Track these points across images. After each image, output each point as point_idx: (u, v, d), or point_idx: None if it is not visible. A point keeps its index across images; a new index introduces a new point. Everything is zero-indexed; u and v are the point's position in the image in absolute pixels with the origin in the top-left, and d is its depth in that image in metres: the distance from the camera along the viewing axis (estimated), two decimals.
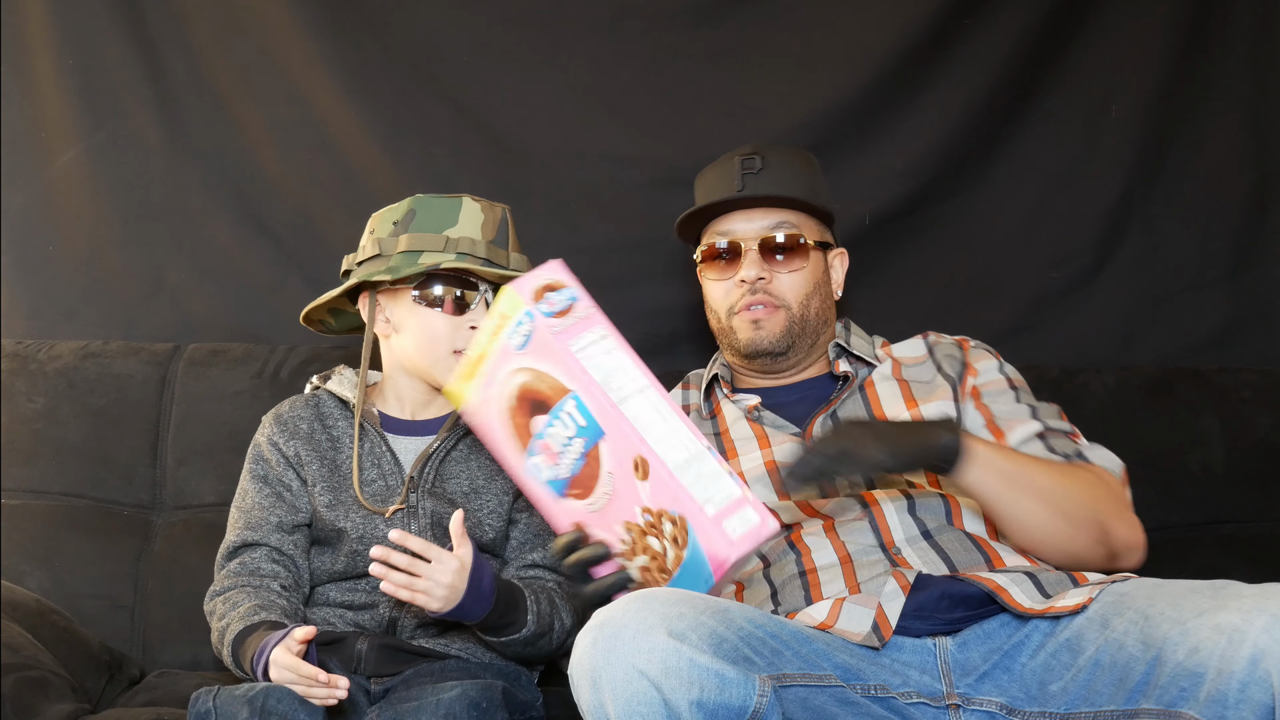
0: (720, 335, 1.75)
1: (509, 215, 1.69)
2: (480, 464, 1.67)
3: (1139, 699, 1.23)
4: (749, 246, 1.69)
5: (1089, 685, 1.27)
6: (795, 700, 1.26)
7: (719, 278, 1.72)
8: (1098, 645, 1.28)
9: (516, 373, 1.31)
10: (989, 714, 1.32)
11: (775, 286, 1.69)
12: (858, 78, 2.18)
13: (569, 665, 1.25)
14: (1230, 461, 2.01)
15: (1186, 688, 1.18)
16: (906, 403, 1.65)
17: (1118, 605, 1.29)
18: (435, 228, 1.65)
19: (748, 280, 1.68)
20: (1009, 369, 1.70)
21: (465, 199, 1.67)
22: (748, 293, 1.69)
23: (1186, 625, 1.20)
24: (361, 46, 2.18)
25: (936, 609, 1.39)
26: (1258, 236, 2.21)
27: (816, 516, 1.57)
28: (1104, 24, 2.19)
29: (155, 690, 1.76)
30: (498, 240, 1.66)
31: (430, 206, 1.68)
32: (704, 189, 1.76)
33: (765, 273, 1.69)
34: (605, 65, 2.20)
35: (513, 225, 1.70)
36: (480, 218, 1.66)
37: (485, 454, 1.67)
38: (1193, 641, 1.18)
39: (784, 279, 1.69)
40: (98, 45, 2.19)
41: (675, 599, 1.24)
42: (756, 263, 1.68)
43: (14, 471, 1.98)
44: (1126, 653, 1.25)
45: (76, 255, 2.21)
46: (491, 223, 1.66)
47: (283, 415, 1.72)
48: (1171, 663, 1.20)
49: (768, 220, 1.70)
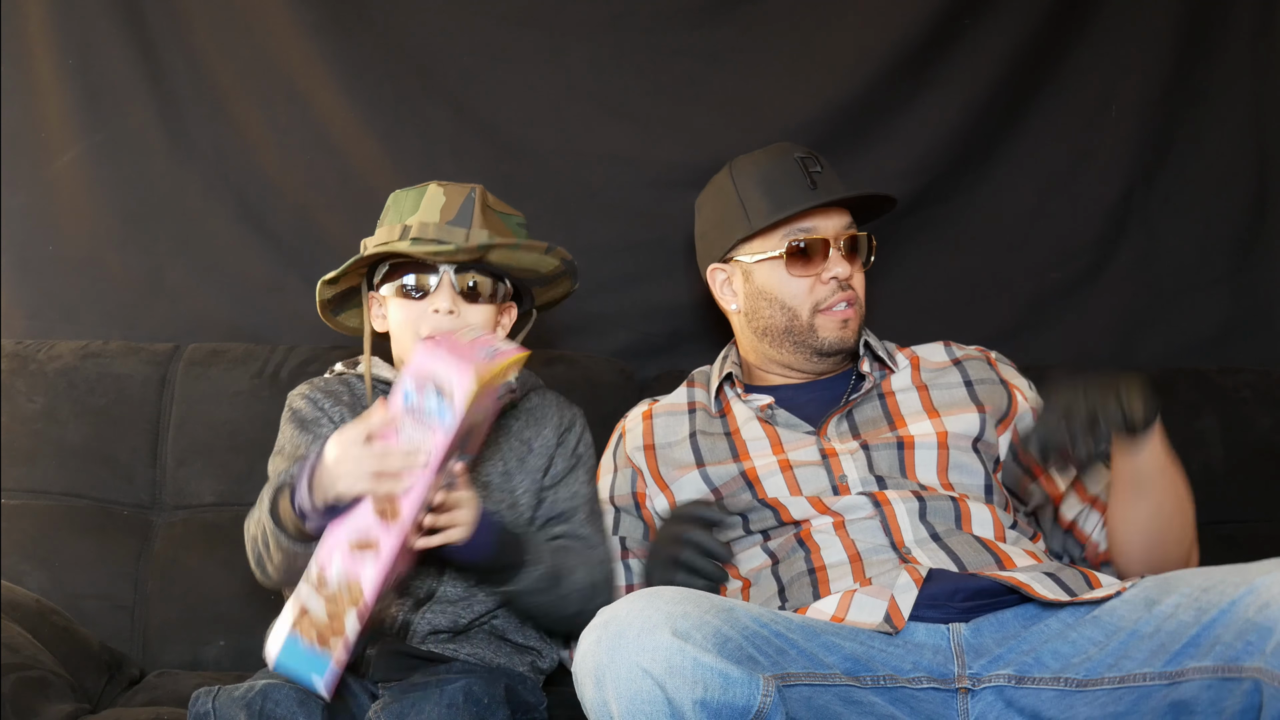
0: (791, 333, 1.72)
1: (481, 194, 1.64)
2: (511, 446, 1.67)
3: (1184, 660, 1.24)
4: (836, 246, 1.70)
5: (1119, 653, 1.28)
6: (799, 700, 1.26)
7: (801, 274, 1.71)
8: (1138, 619, 1.29)
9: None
10: (997, 689, 1.33)
11: (856, 283, 1.72)
12: (858, 78, 2.18)
13: (573, 663, 1.25)
14: (1230, 461, 2.01)
15: (1254, 641, 1.19)
16: (927, 410, 1.66)
17: (1164, 586, 1.30)
18: (399, 218, 1.64)
19: (840, 278, 1.69)
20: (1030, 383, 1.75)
21: (431, 185, 1.65)
22: (837, 289, 1.69)
23: (1254, 583, 1.22)
24: (361, 46, 2.18)
25: (951, 600, 1.39)
26: (1258, 236, 2.21)
27: (827, 514, 1.57)
28: (1104, 24, 2.19)
29: (155, 690, 1.76)
30: (458, 220, 1.61)
31: (399, 200, 1.67)
32: (769, 185, 1.72)
33: (851, 271, 1.71)
34: (605, 65, 2.19)
35: (485, 203, 1.64)
36: (441, 200, 1.63)
37: (513, 437, 1.67)
38: (1263, 598, 1.20)
39: (858, 279, 1.73)
40: (98, 45, 2.18)
41: (680, 598, 1.24)
42: (843, 261, 1.70)
43: (14, 471, 1.98)
44: (1177, 621, 1.26)
45: (76, 255, 2.20)
46: (453, 204, 1.62)
47: (317, 384, 1.70)
48: (1239, 620, 1.21)
49: (844, 219, 1.72)
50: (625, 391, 2.03)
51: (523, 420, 1.69)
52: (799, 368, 1.74)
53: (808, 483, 1.61)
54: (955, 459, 1.62)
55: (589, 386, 2.03)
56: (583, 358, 2.09)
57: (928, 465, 1.61)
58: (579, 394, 2.01)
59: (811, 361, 1.73)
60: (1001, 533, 1.55)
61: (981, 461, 1.63)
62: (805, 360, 1.73)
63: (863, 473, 1.60)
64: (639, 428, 1.77)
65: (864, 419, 1.67)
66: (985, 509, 1.57)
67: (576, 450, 1.71)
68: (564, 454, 1.69)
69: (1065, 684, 1.30)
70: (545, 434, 1.68)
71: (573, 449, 1.70)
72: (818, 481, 1.60)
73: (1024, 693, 1.32)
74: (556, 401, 1.74)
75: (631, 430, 1.77)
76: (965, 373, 1.72)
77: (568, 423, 1.71)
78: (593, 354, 2.11)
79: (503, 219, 1.66)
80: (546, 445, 1.68)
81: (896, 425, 1.65)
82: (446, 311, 1.60)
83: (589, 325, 2.18)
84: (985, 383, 1.71)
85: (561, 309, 1.89)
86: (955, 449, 1.62)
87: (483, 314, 1.64)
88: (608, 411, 1.89)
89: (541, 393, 1.74)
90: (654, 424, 1.76)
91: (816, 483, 1.60)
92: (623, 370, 2.09)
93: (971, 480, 1.61)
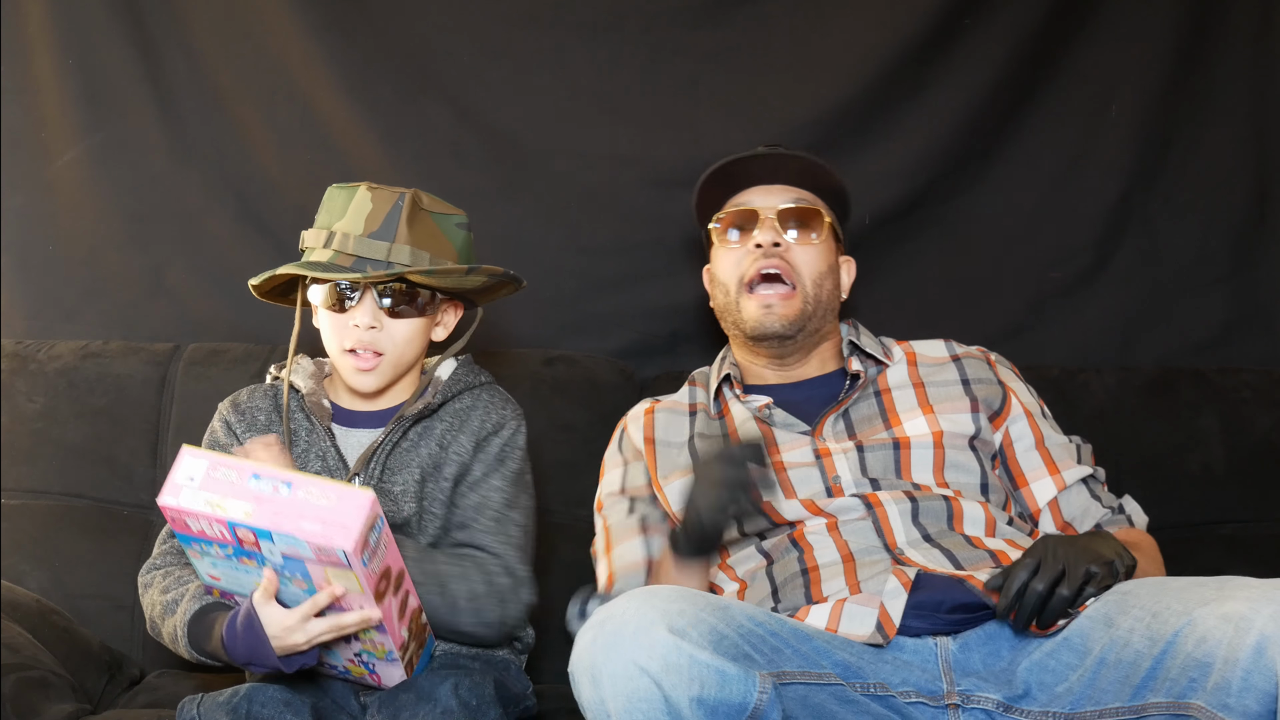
0: (725, 313, 1.73)
1: (411, 200, 1.59)
2: (429, 450, 1.64)
3: (1145, 694, 1.23)
4: (766, 215, 1.69)
5: (1094, 684, 1.27)
6: (795, 698, 1.26)
7: (732, 247, 1.71)
8: (1103, 644, 1.28)
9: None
10: (986, 713, 1.33)
11: (792, 256, 1.68)
12: (858, 78, 2.18)
13: (570, 662, 1.25)
14: (1230, 461, 2.01)
15: (1196, 678, 1.18)
16: (922, 407, 1.66)
17: (1122, 604, 1.29)
18: (328, 222, 1.62)
19: (762, 244, 1.67)
20: (1030, 387, 1.75)
21: (361, 188, 1.61)
22: (760, 257, 1.67)
23: (1193, 615, 1.20)
24: (362, 46, 2.18)
25: (937, 611, 1.39)
26: (1258, 236, 2.21)
27: (820, 515, 1.57)
28: (1104, 24, 2.19)
29: (155, 690, 1.77)
30: (380, 232, 1.57)
31: (333, 198, 1.64)
32: (721, 171, 1.75)
33: (782, 240, 1.68)
34: (605, 65, 2.19)
35: (415, 208, 1.60)
36: (368, 209, 1.59)
37: (432, 442, 1.64)
38: (1200, 631, 1.19)
39: (799, 251, 1.69)
40: (98, 45, 2.18)
41: (676, 596, 1.24)
42: (774, 230, 1.68)
43: (14, 471, 1.98)
44: (1133, 649, 1.25)
45: (76, 255, 2.21)
46: (379, 213, 1.58)
47: (240, 404, 1.69)
48: (1181, 654, 1.20)
49: (787, 195, 1.71)
50: (625, 391, 2.03)
51: (446, 423, 1.66)
52: (753, 362, 1.74)
53: (801, 485, 1.61)
54: (951, 458, 1.62)
55: (589, 386, 2.03)
56: (583, 358, 2.09)
57: (924, 465, 1.61)
58: (579, 394, 2.02)
59: (750, 345, 1.72)
60: (993, 529, 1.56)
61: (978, 459, 1.64)
62: (752, 352, 1.73)
63: (855, 474, 1.60)
64: (641, 420, 1.77)
65: (860, 416, 1.67)
66: (979, 507, 1.58)
67: (500, 455, 1.66)
68: (483, 459, 1.65)
69: (1053, 719, 1.30)
70: (461, 440, 1.65)
71: (495, 454, 1.65)
72: (811, 483, 1.60)
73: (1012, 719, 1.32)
74: (489, 403, 1.69)
75: (634, 423, 1.77)
76: (963, 370, 1.72)
77: (492, 426, 1.66)
78: (593, 354, 2.11)
79: (437, 220, 1.63)
80: (461, 452, 1.64)
81: (892, 423, 1.65)
82: (367, 327, 1.59)
83: (589, 325, 2.18)
84: (982, 382, 1.71)
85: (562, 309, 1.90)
86: (951, 448, 1.63)
87: (408, 328, 1.62)
88: (608, 411, 1.89)
89: (475, 393, 1.70)
90: (655, 419, 1.76)
91: (810, 485, 1.60)
92: (623, 370, 2.09)
93: (968, 479, 1.62)
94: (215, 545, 1.37)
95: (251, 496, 1.33)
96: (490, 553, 1.60)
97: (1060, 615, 1.32)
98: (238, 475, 1.34)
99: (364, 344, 1.59)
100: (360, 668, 1.47)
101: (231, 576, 1.42)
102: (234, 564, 1.39)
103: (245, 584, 1.41)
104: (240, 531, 1.33)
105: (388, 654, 1.43)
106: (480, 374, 1.73)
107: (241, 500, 1.33)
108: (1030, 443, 1.68)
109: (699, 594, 1.27)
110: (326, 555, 1.32)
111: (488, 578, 1.57)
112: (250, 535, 1.33)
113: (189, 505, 1.33)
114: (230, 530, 1.34)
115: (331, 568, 1.33)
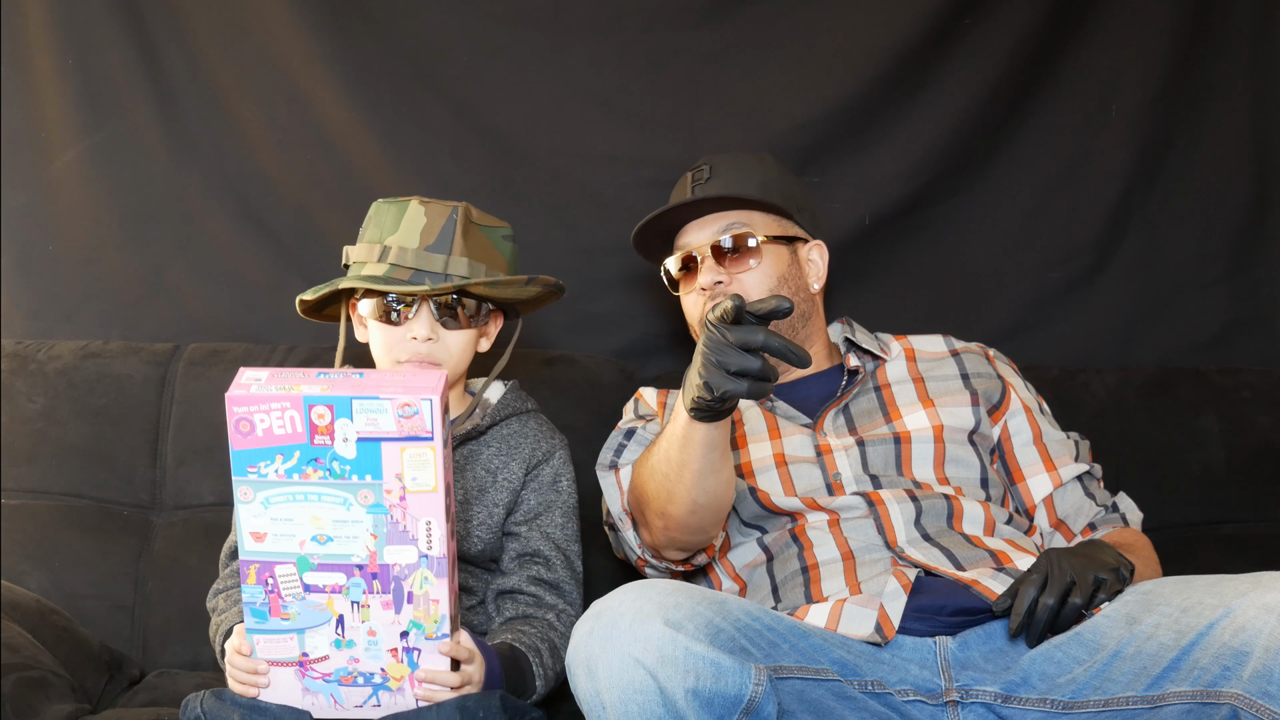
0: None
1: (464, 214, 1.62)
2: (475, 475, 1.66)
3: (1165, 684, 1.23)
4: (703, 254, 1.71)
5: (1102, 675, 1.28)
6: (792, 693, 1.27)
7: (686, 291, 1.75)
8: (1120, 640, 1.28)
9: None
10: (985, 705, 1.33)
11: (736, 288, 1.69)
12: (858, 78, 2.18)
13: (566, 655, 1.26)
14: (1230, 461, 2.01)
15: (1230, 666, 1.18)
16: (923, 401, 1.67)
17: (1146, 602, 1.30)
18: (379, 236, 1.62)
19: (706, 288, 1.70)
20: (1028, 384, 1.76)
21: (413, 202, 1.62)
22: (709, 299, 1.70)
23: (1231, 606, 1.21)
24: (361, 46, 2.18)
25: (939, 614, 1.39)
26: (1258, 236, 2.21)
27: (821, 511, 1.57)
28: (1104, 24, 2.19)
29: (155, 690, 1.76)
30: (436, 245, 1.59)
31: (381, 213, 1.64)
32: (649, 222, 1.78)
33: (722, 276, 1.70)
34: (605, 65, 2.19)
35: (468, 221, 1.62)
36: (421, 222, 1.60)
37: (479, 467, 1.66)
38: (1240, 621, 1.19)
39: (742, 279, 1.70)
40: (98, 45, 2.18)
41: (672, 589, 1.24)
42: (712, 269, 1.71)
43: (14, 471, 1.98)
44: (1157, 642, 1.25)
45: (76, 255, 2.20)
46: (434, 227, 1.60)
47: None
48: (1215, 644, 1.20)
49: (717, 225, 1.73)
50: (625, 391, 2.03)
51: (494, 449, 1.68)
52: None
53: (801, 480, 1.61)
54: (952, 453, 1.62)
55: (589, 386, 2.03)
56: (583, 358, 2.09)
57: (924, 461, 1.61)
58: (579, 394, 2.01)
59: None
60: (992, 529, 1.56)
61: (978, 454, 1.64)
62: None
63: (856, 471, 1.60)
64: (654, 393, 1.79)
65: (859, 411, 1.68)
66: (978, 505, 1.58)
67: (556, 486, 1.68)
68: (537, 489, 1.67)
69: (1051, 705, 1.30)
70: (512, 467, 1.66)
71: (549, 484, 1.68)
72: (811, 479, 1.61)
73: (1011, 711, 1.32)
74: (537, 432, 1.71)
75: (648, 393, 1.79)
76: (962, 365, 1.73)
77: (542, 455, 1.69)
78: (593, 354, 2.11)
79: (486, 233, 1.65)
80: (511, 480, 1.66)
81: (892, 417, 1.66)
82: (425, 339, 1.60)
83: (589, 325, 2.18)
84: (981, 376, 1.71)
85: (562, 309, 1.89)
86: (951, 442, 1.63)
87: (462, 339, 1.63)
88: (608, 411, 1.89)
89: (523, 419, 1.72)
90: (668, 399, 1.77)
91: (810, 480, 1.61)
92: (623, 370, 2.09)
93: (967, 474, 1.62)
94: (278, 459, 1.30)
95: (324, 381, 1.30)
96: (565, 595, 1.62)
97: (1074, 624, 1.33)
98: (304, 373, 1.32)
99: (421, 356, 1.60)
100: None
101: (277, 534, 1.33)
102: (291, 496, 1.30)
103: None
104: (315, 414, 1.28)
105: (438, 624, 1.34)
106: (528, 401, 1.75)
107: (314, 384, 1.29)
108: (1028, 438, 1.68)
109: (695, 588, 1.27)
110: (410, 421, 1.27)
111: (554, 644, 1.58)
112: (326, 415, 1.28)
113: (260, 392, 1.29)
114: (304, 416, 1.28)
115: (411, 447, 1.28)
